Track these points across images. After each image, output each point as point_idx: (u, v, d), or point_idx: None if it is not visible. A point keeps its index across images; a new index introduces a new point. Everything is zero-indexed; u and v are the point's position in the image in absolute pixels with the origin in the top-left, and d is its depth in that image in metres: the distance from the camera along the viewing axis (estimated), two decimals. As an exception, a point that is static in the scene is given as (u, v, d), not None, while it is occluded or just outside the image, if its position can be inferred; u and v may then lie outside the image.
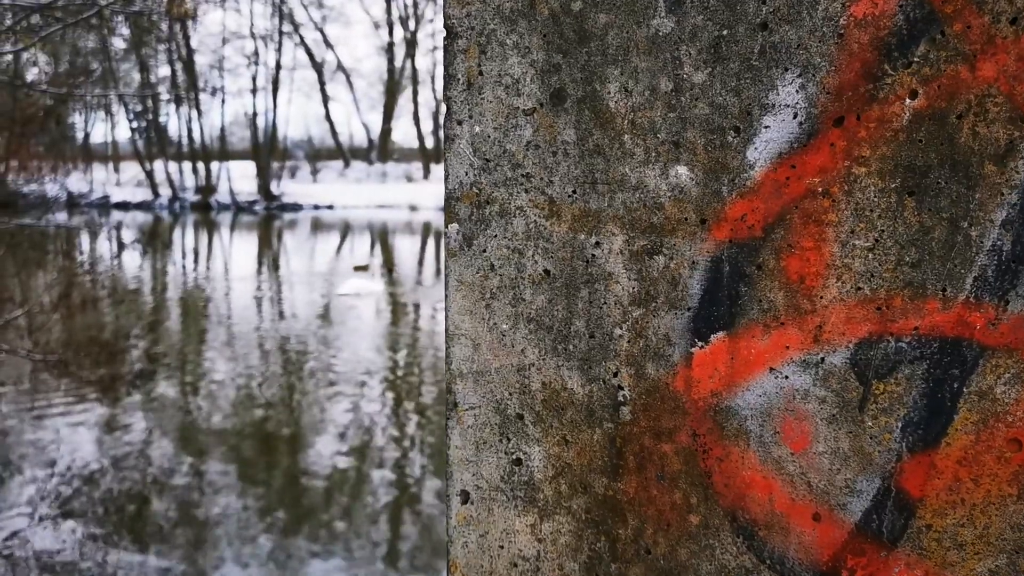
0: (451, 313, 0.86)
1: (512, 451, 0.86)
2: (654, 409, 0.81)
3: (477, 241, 0.85)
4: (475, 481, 0.87)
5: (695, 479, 0.80)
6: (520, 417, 0.85)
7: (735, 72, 0.76)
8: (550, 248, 0.83)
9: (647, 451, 0.81)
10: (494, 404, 0.86)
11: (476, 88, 0.84)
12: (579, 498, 0.84)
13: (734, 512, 0.79)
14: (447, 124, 0.86)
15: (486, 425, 0.86)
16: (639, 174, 0.79)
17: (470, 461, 0.87)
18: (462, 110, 0.84)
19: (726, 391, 0.78)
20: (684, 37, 0.77)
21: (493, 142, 0.84)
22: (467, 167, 0.85)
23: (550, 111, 0.81)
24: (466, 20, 0.83)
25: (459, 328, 0.86)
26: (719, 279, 0.78)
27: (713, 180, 0.77)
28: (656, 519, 0.82)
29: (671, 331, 0.80)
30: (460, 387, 0.87)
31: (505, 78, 0.83)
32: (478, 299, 0.85)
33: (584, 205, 0.81)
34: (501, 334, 0.85)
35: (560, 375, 0.83)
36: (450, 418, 0.87)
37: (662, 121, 0.78)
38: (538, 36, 0.81)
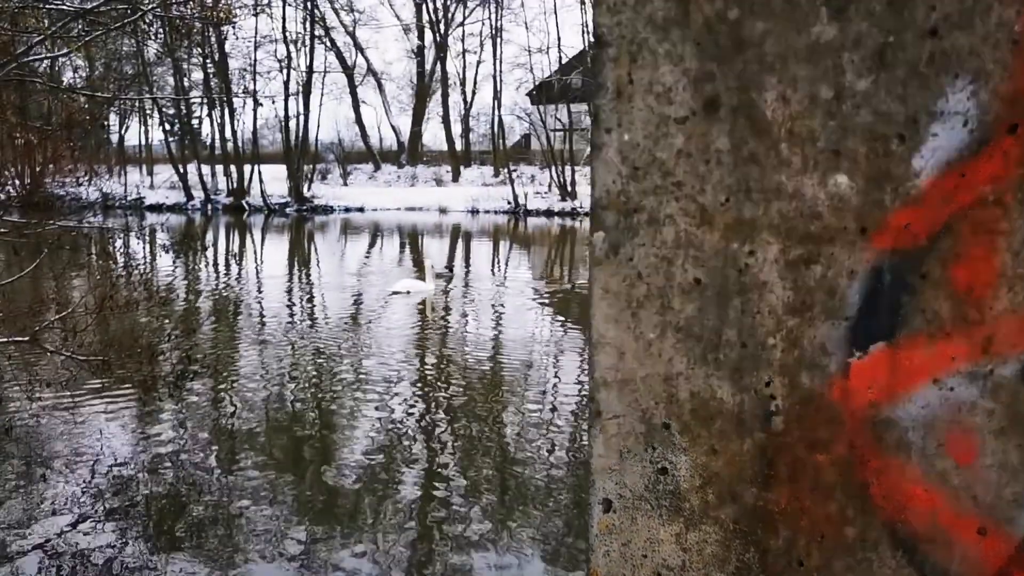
0: (596, 321, 0.86)
1: (658, 460, 0.85)
2: (808, 419, 0.80)
3: (624, 249, 0.85)
4: (618, 490, 0.87)
5: (852, 491, 0.79)
6: (667, 426, 0.85)
7: (901, 79, 0.75)
8: (701, 257, 0.82)
9: (800, 462, 0.81)
10: (639, 413, 0.86)
11: (626, 97, 0.83)
12: (727, 508, 0.83)
13: (893, 525, 0.78)
14: (594, 132, 0.86)
15: (631, 434, 0.86)
16: (796, 183, 0.79)
17: (613, 470, 0.87)
18: (611, 118, 0.84)
19: (886, 402, 0.78)
20: (847, 44, 0.76)
21: (643, 150, 0.83)
22: (615, 175, 0.85)
23: (703, 119, 0.81)
24: (616, 29, 0.83)
25: (604, 336, 0.86)
26: (879, 289, 0.77)
27: (875, 189, 0.76)
28: (809, 531, 0.81)
29: (828, 341, 0.79)
30: (604, 395, 0.87)
31: (656, 86, 0.82)
32: (624, 308, 0.85)
33: (738, 214, 0.81)
34: (648, 343, 0.85)
35: (709, 384, 0.83)
36: (593, 426, 0.87)
37: (821, 129, 0.78)
38: (691, 44, 0.81)
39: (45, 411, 8.74)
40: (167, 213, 41.29)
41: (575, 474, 7.33)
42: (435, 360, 11.50)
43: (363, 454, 7.66)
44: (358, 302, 16.63)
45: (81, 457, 7.46)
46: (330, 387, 10.02)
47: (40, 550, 5.76)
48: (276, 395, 9.68)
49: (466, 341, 12.77)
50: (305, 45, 43.76)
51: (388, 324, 13.88)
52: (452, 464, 7.53)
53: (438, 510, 6.53)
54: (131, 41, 37.07)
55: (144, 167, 50.16)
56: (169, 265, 21.00)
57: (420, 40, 53.21)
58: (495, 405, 9.27)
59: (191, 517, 6.41)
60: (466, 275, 19.48)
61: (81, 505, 6.50)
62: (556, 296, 16.92)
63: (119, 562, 5.62)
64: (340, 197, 44.69)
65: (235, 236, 32.90)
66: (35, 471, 7.15)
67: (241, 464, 7.40)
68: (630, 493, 0.87)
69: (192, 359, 9.14)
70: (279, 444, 8.16)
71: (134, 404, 8.85)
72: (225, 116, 43.41)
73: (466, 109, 53.16)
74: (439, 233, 32.79)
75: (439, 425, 8.68)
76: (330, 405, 9.27)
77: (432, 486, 6.97)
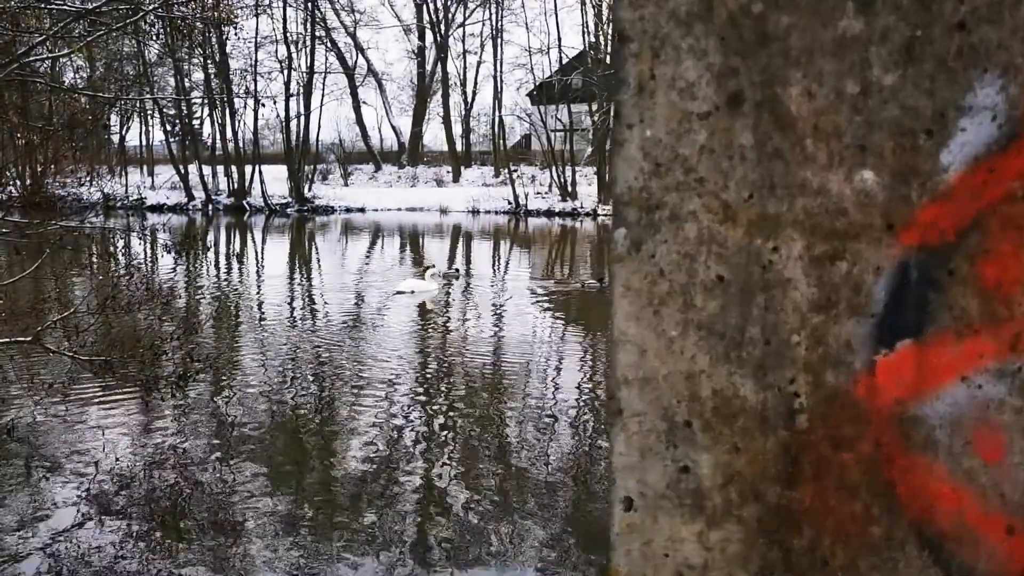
0: (617, 319, 0.86)
1: (679, 458, 0.85)
2: (833, 417, 0.79)
3: (646, 246, 0.84)
4: (639, 488, 0.86)
5: (877, 489, 0.79)
6: (688, 424, 0.84)
7: (929, 73, 0.74)
8: (724, 253, 0.82)
9: (825, 460, 0.80)
10: (661, 411, 0.85)
11: (648, 92, 0.83)
12: (750, 507, 0.83)
13: (920, 524, 0.78)
14: (616, 128, 0.85)
15: (652, 432, 0.85)
16: (821, 178, 0.78)
17: (634, 468, 0.86)
18: (632, 114, 0.83)
19: (912, 400, 0.77)
20: (874, 38, 0.75)
21: (665, 146, 0.83)
22: (636, 171, 0.84)
23: (727, 115, 0.80)
24: (639, 24, 0.82)
25: (625, 334, 0.85)
26: (906, 285, 0.76)
27: (902, 184, 0.76)
28: (834, 530, 0.80)
29: (853, 338, 0.78)
30: (625, 393, 0.86)
31: (679, 82, 0.82)
32: (645, 305, 0.85)
33: (762, 210, 0.80)
34: (670, 340, 0.84)
35: (732, 382, 0.82)
36: (614, 424, 0.87)
37: (847, 124, 0.77)
38: (715, 39, 0.80)
39: (47, 411, 8.74)
40: (168, 214, 41.29)
41: (578, 474, 7.33)
42: (439, 360, 11.49)
43: (366, 454, 7.65)
44: (361, 302, 16.62)
45: (83, 457, 7.46)
46: (333, 387, 10.01)
47: (43, 550, 5.76)
48: (278, 395, 9.67)
49: (471, 341, 12.75)
50: (306, 46, 43.77)
51: (392, 324, 13.88)
52: (455, 463, 7.52)
53: (440, 508, 6.53)
54: (132, 42, 37.08)
55: (145, 168, 50.17)
56: (171, 265, 20.99)
57: (421, 41, 53.20)
58: (500, 406, 9.26)
59: (193, 517, 6.40)
60: (467, 275, 19.47)
61: (83, 505, 6.50)
62: (565, 295, 16.90)
63: (121, 562, 5.62)
64: (341, 197, 44.66)
65: (236, 236, 32.89)
66: (37, 471, 7.16)
67: (243, 464, 7.39)
68: (651, 491, 0.86)
69: (194, 359, 9.13)
70: (281, 444, 8.15)
71: (136, 404, 8.85)
72: (226, 117, 43.38)
73: (467, 109, 53.16)
74: (440, 234, 32.80)
75: (442, 425, 8.67)
76: (333, 405, 9.26)
77: (434, 485, 6.96)
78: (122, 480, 7.01)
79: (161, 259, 21.71)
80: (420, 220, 38.43)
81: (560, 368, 11.20)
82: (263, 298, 17.27)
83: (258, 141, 44.57)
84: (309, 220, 38.98)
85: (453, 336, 13.21)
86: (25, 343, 7.61)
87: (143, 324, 12.41)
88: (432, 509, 6.57)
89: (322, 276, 21.23)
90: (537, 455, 7.67)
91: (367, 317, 14.80)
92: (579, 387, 10.35)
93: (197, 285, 18.90)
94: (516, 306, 15.74)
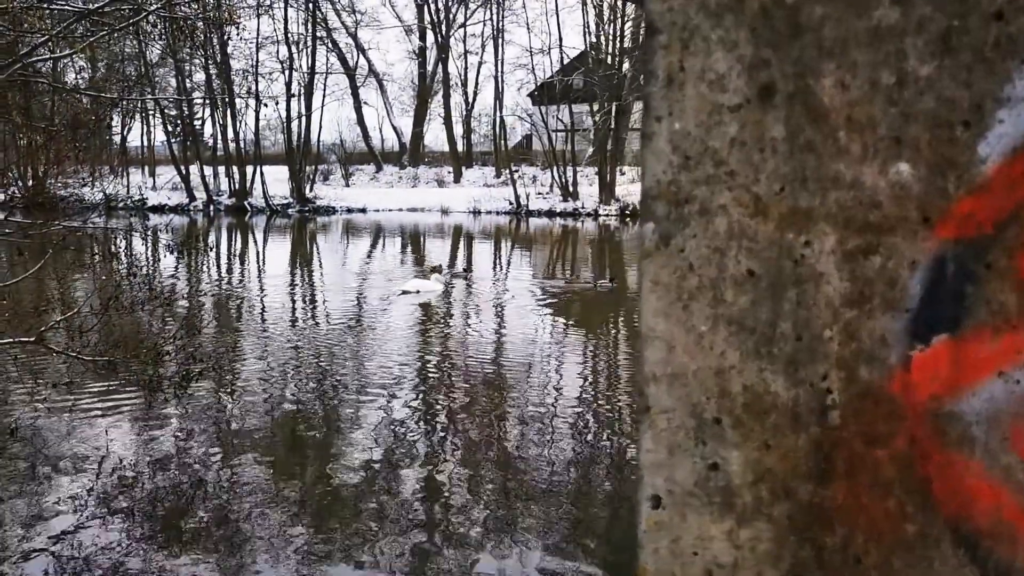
0: (645, 315, 0.85)
1: (708, 455, 0.84)
2: (867, 413, 0.78)
3: (675, 240, 0.83)
4: (667, 486, 0.85)
5: (912, 487, 0.78)
6: (718, 421, 0.83)
7: (966, 64, 0.73)
8: (755, 248, 0.80)
9: (858, 457, 0.79)
10: (690, 407, 0.84)
11: (677, 84, 0.82)
12: (781, 504, 0.82)
13: (956, 522, 0.76)
14: (645, 121, 0.84)
15: (680, 429, 0.84)
16: (855, 171, 0.77)
17: (662, 465, 0.85)
18: (661, 107, 0.82)
19: (948, 396, 0.76)
20: (910, 28, 0.74)
21: (694, 139, 0.82)
22: (665, 165, 0.83)
23: (758, 107, 0.79)
24: (668, 15, 0.81)
25: (654, 330, 0.84)
26: (942, 279, 0.75)
27: (938, 176, 0.75)
28: (867, 528, 0.79)
29: (887, 333, 0.77)
30: (653, 390, 0.85)
31: (709, 74, 0.81)
32: (674, 300, 0.84)
33: (793, 203, 0.79)
34: (699, 336, 0.83)
35: (763, 378, 0.81)
36: (642, 421, 0.86)
37: (882, 116, 0.76)
38: (746, 30, 0.79)
39: (50, 411, 8.73)
40: (170, 214, 41.32)
41: (585, 475, 7.31)
42: (449, 361, 11.46)
43: (370, 455, 7.64)
44: (366, 303, 16.62)
45: (86, 457, 7.45)
46: (337, 387, 9.99)
47: (45, 551, 5.75)
48: (281, 395, 9.66)
49: (483, 342, 12.73)
50: (307, 46, 43.77)
51: (397, 324, 13.88)
52: (460, 465, 7.50)
53: (443, 510, 6.51)
54: (133, 42, 37.09)
55: (146, 168, 50.19)
56: (173, 266, 20.99)
57: (422, 41, 53.21)
58: (513, 407, 9.24)
59: (196, 517, 6.39)
60: (467, 276, 19.47)
61: (86, 505, 6.49)
62: (577, 295, 16.88)
63: (124, 563, 5.61)
64: (342, 198, 44.68)
65: (238, 237, 32.90)
66: (40, 471, 7.15)
67: (246, 465, 7.38)
68: (680, 489, 0.85)
69: (197, 359, 9.13)
70: (285, 444, 8.15)
71: (139, 404, 8.84)
72: (227, 117, 43.39)
73: (468, 110, 53.16)
74: (441, 234, 32.79)
75: (448, 426, 8.65)
76: (337, 405, 9.25)
77: (438, 487, 6.95)
78: (125, 480, 7.01)
79: (163, 259, 21.71)
80: (421, 220, 38.45)
81: (573, 368, 11.18)
82: (265, 298, 17.27)
83: (259, 142, 44.59)
84: (310, 221, 39.00)
85: (465, 337, 13.19)
86: (28, 343, 7.61)
87: (145, 324, 12.41)
88: (436, 510, 6.56)
89: (325, 276, 21.23)
90: (552, 458, 7.65)
91: (373, 317, 14.80)
92: (596, 388, 10.34)
93: (199, 285, 18.90)
94: (529, 306, 15.73)
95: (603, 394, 10.10)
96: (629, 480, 7.04)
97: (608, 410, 9.31)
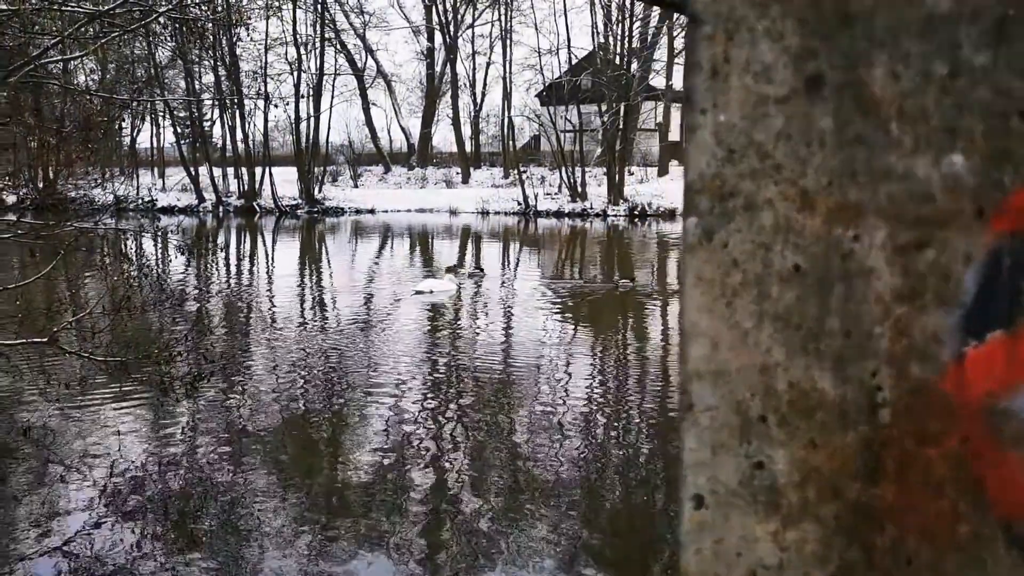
0: (688, 311, 0.83)
1: (753, 454, 0.82)
2: (918, 411, 0.77)
3: (718, 235, 0.81)
4: (711, 485, 0.84)
5: (964, 486, 0.76)
6: (763, 419, 0.82)
7: (1022, 53, 0.71)
8: (801, 243, 0.79)
9: (909, 456, 0.77)
10: (734, 405, 0.82)
11: (722, 76, 0.80)
12: (828, 504, 0.80)
13: (1009, 521, 0.75)
14: (688, 114, 0.82)
15: (724, 427, 0.83)
16: (907, 163, 0.75)
17: (706, 464, 0.84)
18: (705, 99, 0.81)
19: (1003, 393, 0.74)
20: (963, 17, 0.73)
21: (739, 132, 0.80)
22: (709, 158, 0.81)
23: (805, 99, 0.78)
24: (712, 6, 0.80)
25: (696, 326, 0.83)
26: (997, 274, 0.73)
27: (994, 169, 0.73)
28: (919, 528, 0.77)
29: (940, 329, 0.76)
30: (697, 387, 0.83)
31: (754, 65, 0.79)
32: (718, 296, 0.82)
33: (842, 197, 0.77)
34: (744, 333, 0.81)
35: (810, 375, 0.80)
36: (685, 419, 0.84)
37: (935, 107, 0.74)
38: (793, 20, 0.77)
39: (62, 412, 8.76)
40: (179, 215, 41.45)
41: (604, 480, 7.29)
42: (460, 361, 11.44)
43: (383, 456, 7.63)
44: (379, 303, 16.64)
45: (98, 457, 7.47)
46: (349, 388, 9.99)
47: (58, 550, 5.76)
48: (294, 395, 9.67)
49: (492, 341, 12.70)
50: (315, 48, 43.85)
51: (410, 325, 13.88)
52: (473, 467, 7.48)
53: (454, 513, 6.50)
54: (142, 44, 37.23)
55: (156, 170, 50.34)
56: (183, 267, 21.05)
57: (430, 42, 53.23)
58: (534, 408, 9.22)
59: (207, 517, 6.40)
60: (482, 275, 19.48)
61: (98, 505, 6.51)
62: (598, 295, 16.87)
63: (136, 562, 5.61)
64: (351, 199, 44.72)
65: (248, 238, 32.97)
66: (53, 472, 7.17)
67: (258, 465, 7.39)
68: (723, 489, 0.83)
69: (208, 360, 9.14)
70: (297, 443, 8.15)
71: (150, 405, 8.86)
72: (236, 119, 43.49)
73: (476, 111, 53.15)
74: (450, 235, 32.80)
75: (463, 428, 8.63)
76: (349, 406, 9.24)
77: (448, 489, 6.93)
78: (136, 480, 7.02)
79: (174, 260, 21.77)
80: (430, 221, 38.48)
81: (578, 366, 11.15)
82: (276, 299, 17.30)
83: (268, 143, 44.69)
84: (319, 221, 39.07)
85: (483, 337, 13.16)
86: (41, 344, 7.63)
87: (156, 325, 12.44)
88: (446, 513, 6.55)
89: (336, 277, 21.26)
90: (576, 459, 7.63)
91: (384, 318, 14.81)
92: (620, 388, 10.32)
93: (210, 286, 18.95)
94: (548, 305, 15.73)
95: (631, 393, 10.08)
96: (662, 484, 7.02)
97: (651, 408, 9.29)
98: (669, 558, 5.65)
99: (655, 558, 5.83)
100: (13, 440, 7.90)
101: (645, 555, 5.94)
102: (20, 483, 7.01)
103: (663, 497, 6.75)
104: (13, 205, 17.91)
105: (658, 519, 6.44)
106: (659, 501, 6.76)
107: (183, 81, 44.28)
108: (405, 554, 5.77)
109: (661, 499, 6.76)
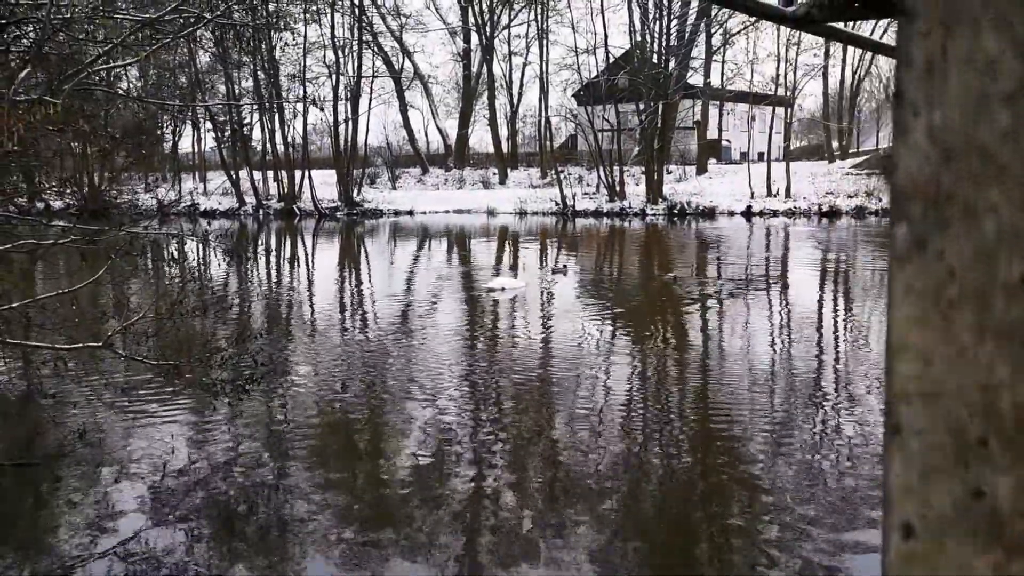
0: (897, 325, 0.77)
1: (972, 480, 0.76)
2: None
3: (932, 244, 0.75)
4: (922, 512, 0.78)
5: None
6: (983, 442, 0.75)
7: None
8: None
9: None
10: (949, 427, 0.76)
11: (938, 72, 0.74)
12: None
13: None
14: (898, 113, 0.77)
15: (938, 450, 0.77)
16: None
17: (915, 491, 0.78)
18: (918, 97, 0.75)
19: None
20: None
21: (958, 132, 0.74)
22: (922, 160, 0.75)
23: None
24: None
25: (906, 341, 0.77)
26: None
27: None
28: None
29: None
30: (906, 408, 0.77)
31: (976, 60, 0.73)
32: (932, 309, 0.76)
33: (1079, 201, 0.71)
34: (962, 348, 0.75)
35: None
36: (891, 442, 0.78)
37: None
38: (1022, 7, 0.71)
39: (115, 415, 8.88)
40: (221, 219, 42.00)
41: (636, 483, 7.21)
42: (532, 361, 11.36)
43: (436, 463, 7.60)
44: (446, 302, 16.73)
45: (150, 460, 7.55)
46: (406, 390, 9.97)
47: (114, 553, 5.82)
48: (350, 399, 9.68)
49: (569, 341, 12.59)
50: (353, 51, 44.15)
51: (488, 320, 13.89)
52: (527, 476, 7.43)
53: (498, 522, 6.45)
54: (183, 50, 37.75)
55: (197, 174, 51.09)
56: (230, 269, 21.28)
57: (466, 43, 53.37)
58: (606, 402, 9.16)
59: (257, 520, 6.43)
60: (565, 272, 19.51)
61: (152, 508, 6.57)
62: (697, 294, 16.85)
63: (188, 565, 5.65)
64: (389, 201, 45.01)
65: (289, 240, 33.29)
66: (107, 474, 7.25)
67: (309, 468, 7.41)
68: (936, 517, 0.77)
69: (259, 363, 9.20)
70: (350, 449, 8.16)
71: (202, 408, 8.94)
72: (275, 122, 43.96)
73: (512, 111, 53.18)
74: (487, 236, 32.82)
75: (532, 434, 8.57)
76: (408, 408, 9.22)
77: (496, 499, 6.87)
78: (187, 483, 7.08)
79: (221, 264, 22.02)
80: (468, 222, 38.56)
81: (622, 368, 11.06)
82: (326, 301, 17.42)
83: (307, 146, 45.12)
84: (359, 224, 39.35)
85: (557, 334, 13.08)
86: (97, 348, 7.73)
87: (206, 328, 12.58)
88: (489, 516, 6.51)
89: (395, 276, 21.36)
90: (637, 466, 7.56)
91: (461, 316, 14.91)
92: (684, 388, 10.23)
93: (258, 289, 19.13)
94: (629, 300, 15.81)
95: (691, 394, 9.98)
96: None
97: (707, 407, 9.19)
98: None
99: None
100: (69, 442, 8.02)
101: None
102: (76, 485, 7.10)
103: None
104: (60, 210, 18.20)
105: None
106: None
107: (223, 86, 44.84)
108: (449, 557, 5.74)
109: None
